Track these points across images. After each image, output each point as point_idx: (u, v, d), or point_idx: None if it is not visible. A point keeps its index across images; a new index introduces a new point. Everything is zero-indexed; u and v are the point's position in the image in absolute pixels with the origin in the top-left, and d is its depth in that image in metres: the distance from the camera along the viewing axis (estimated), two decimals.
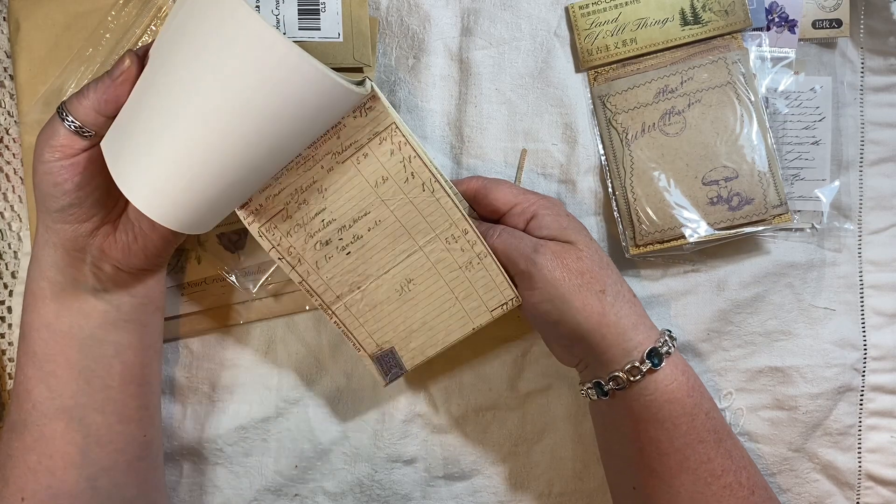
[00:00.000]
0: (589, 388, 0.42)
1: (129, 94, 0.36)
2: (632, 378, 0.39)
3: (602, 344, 0.40)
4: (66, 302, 0.40)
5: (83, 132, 0.36)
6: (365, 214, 0.41)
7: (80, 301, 0.40)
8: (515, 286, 0.42)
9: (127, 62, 0.35)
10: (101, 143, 0.37)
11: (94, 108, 0.36)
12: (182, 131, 0.33)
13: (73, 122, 0.36)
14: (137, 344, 0.43)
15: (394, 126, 0.39)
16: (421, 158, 0.40)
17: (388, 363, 0.44)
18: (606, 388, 0.40)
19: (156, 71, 0.35)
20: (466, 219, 0.41)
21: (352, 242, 0.42)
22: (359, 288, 0.43)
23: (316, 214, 0.41)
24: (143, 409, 0.44)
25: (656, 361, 0.39)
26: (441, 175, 0.42)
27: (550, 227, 0.41)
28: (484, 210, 0.44)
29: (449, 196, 0.41)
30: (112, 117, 0.36)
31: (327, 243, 0.42)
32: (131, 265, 0.41)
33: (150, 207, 0.35)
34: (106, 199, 0.39)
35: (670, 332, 0.41)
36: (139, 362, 0.43)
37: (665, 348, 0.40)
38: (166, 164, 0.34)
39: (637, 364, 0.39)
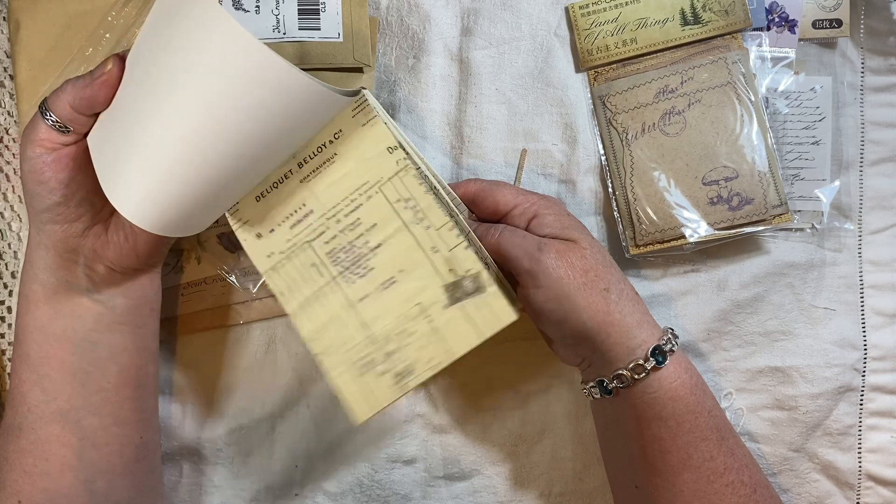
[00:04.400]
0: (592, 387, 0.41)
1: (108, 95, 0.35)
2: (636, 376, 0.39)
3: (606, 342, 0.39)
4: (59, 304, 0.40)
5: (61, 128, 0.36)
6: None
7: (73, 303, 0.40)
8: (519, 285, 0.42)
9: (109, 65, 0.35)
10: (88, 142, 0.37)
11: (70, 103, 0.35)
12: (160, 135, 0.33)
13: (50, 116, 0.36)
14: (132, 346, 0.43)
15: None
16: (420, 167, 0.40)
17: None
18: (610, 386, 0.40)
19: (133, 75, 0.35)
20: (466, 232, 0.41)
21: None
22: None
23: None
24: (140, 411, 0.43)
25: (661, 359, 0.39)
26: (437, 179, 0.41)
27: (553, 225, 0.41)
28: (484, 212, 0.44)
29: (444, 205, 0.40)
30: (88, 116, 0.36)
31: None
32: (124, 265, 0.41)
33: (131, 211, 0.35)
34: (94, 197, 0.39)
35: (673, 329, 0.41)
36: (134, 364, 0.43)
37: (669, 346, 0.40)
38: (146, 169, 0.34)
39: (641, 362, 0.39)
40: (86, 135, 0.37)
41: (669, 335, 0.40)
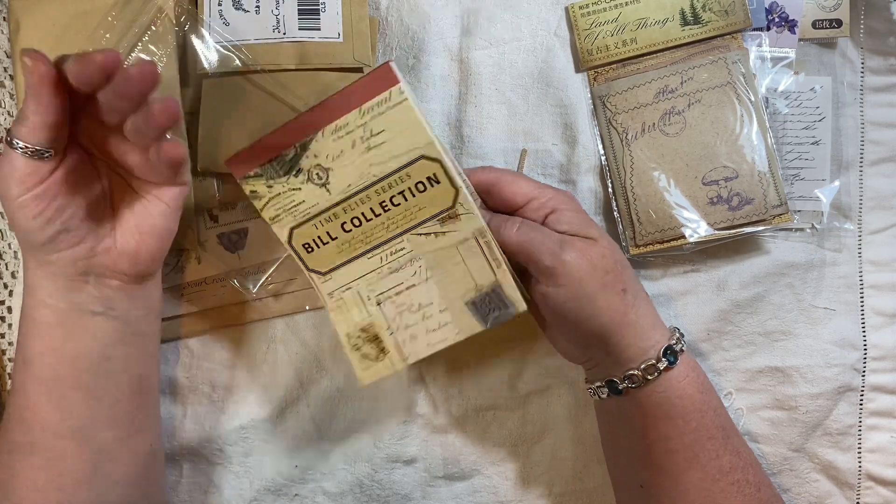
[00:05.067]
0: (599, 386, 0.41)
1: (54, 91, 0.32)
2: (648, 377, 0.39)
3: (621, 343, 0.39)
4: (72, 326, 0.39)
5: (41, 154, 0.34)
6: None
7: (86, 323, 0.39)
8: (534, 281, 0.40)
9: (27, 61, 0.32)
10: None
11: (43, 123, 0.33)
12: None
13: (27, 147, 0.33)
14: (140, 354, 0.42)
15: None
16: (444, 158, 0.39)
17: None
18: (621, 386, 0.40)
19: None
20: (485, 228, 0.40)
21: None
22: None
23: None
24: (149, 417, 0.43)
25: (672, 359, 0.39)
26: (456, 166, 0.40)
27: (571, 222, 0.40)
28: (498, 203, 0.42)
29: (469, 200, 0.40)
30: (62, 123, 0.34)
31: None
32: (137, 272, 0.40)
33: None
34: (93, 213, 0.38)
35: (679, 329, 0.41)
36: (142, 372, 0.42)
37: (679, 346, 0.39)
38: None
39: (654, 363, 0.39)
40: (66, 153, 0.35)
41: (678, 335, 0.40)
